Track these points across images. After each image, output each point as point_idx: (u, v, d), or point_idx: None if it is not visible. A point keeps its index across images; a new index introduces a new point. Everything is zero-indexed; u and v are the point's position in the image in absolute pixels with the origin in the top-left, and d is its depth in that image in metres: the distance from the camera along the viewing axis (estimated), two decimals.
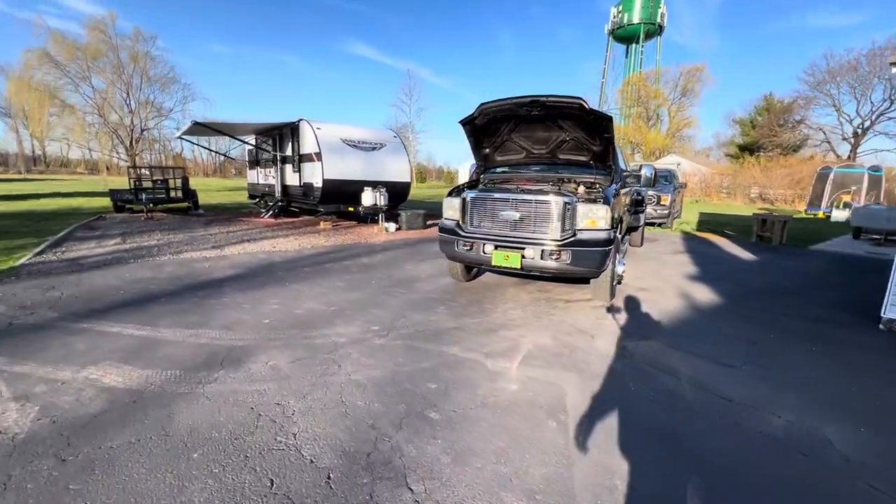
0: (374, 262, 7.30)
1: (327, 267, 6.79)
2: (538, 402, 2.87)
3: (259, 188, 15.54)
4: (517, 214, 4.65)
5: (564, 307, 4.99)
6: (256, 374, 3.15)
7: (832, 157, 33.39)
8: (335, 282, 5.88)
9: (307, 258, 7.47)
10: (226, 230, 10.69)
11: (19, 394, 2.79)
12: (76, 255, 7.19)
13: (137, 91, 27.62)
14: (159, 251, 7.74)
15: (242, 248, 8.31)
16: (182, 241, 8.94)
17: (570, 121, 5.03)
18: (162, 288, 5.35)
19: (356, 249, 8.46)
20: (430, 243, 9.42)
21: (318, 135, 10.66)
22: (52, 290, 5.12)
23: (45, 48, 24.14)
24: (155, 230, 10.36)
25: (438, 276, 6.32)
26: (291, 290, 5.44)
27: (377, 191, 10.93)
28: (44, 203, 17.39)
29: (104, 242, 8.52)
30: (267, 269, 6.58)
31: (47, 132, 28.65)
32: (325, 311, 4.61)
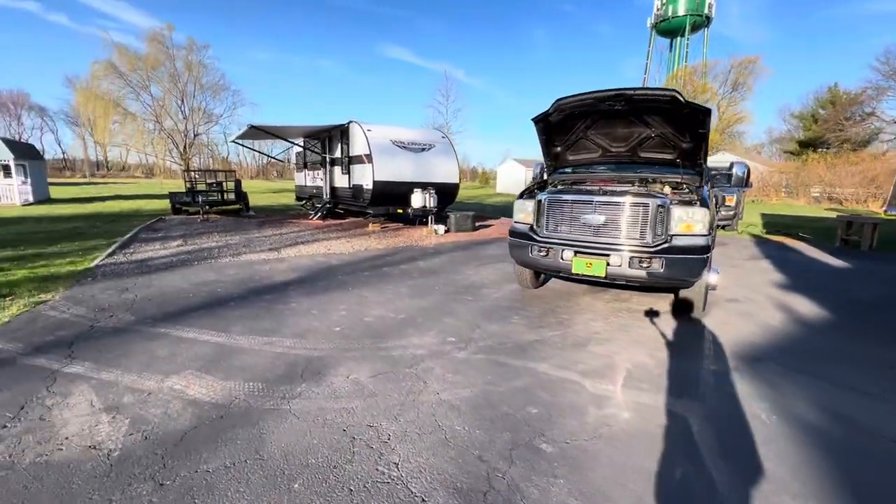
0: (433, 266, 7.08)
1: (386, 271, 6.63)
2: (661, 434, 2.51)
3: (307, 190, 15.78)
4: (601, 218, 4.27)
5: (651, 319, 4.56)
6: (340, 390, 2.96)
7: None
8: (398, 287, 5.69)
9: (364, 261, 7.36)
10: (278, 232, 10.83)
11: (109, 404, 2.72)
12: (143, 257, 7.40)
13: (191, 98, 29.05)
14: (219, 253, 7.86)
15: (298, 250, 8.32)
16: (239, 243, 9.08)
17: (658, 115, 4.60)
18: (229, 291, 5.34)
19: (410, 252, 8.29)
20: (484, 246, 9.12)
21: (368, 136, 10.60)
22: (126, 293, 5.21)
23: (111, 59, 25.78)
24: (212, 232, 10.63)
25: (503, 283, 6.01)
26: (356, 295, 5.29)
27: (426, 192, 10.75)
28: (108, 205, 18.45)
29: (167, 244, 8.78)
30: (327, 272, 6.49)
31: (110, 139, 30.53)
32: (395, 320, 4.41)
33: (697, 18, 53.24)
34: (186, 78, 28.30)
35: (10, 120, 66.13)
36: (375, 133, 10.83)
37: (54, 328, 4.00)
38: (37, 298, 4.88)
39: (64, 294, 5.10)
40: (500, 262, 7.46)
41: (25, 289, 5.21)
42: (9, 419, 2.55)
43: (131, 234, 9.92)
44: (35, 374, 3.11)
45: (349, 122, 11.51)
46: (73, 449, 2.29)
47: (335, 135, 12.50)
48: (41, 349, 3.53)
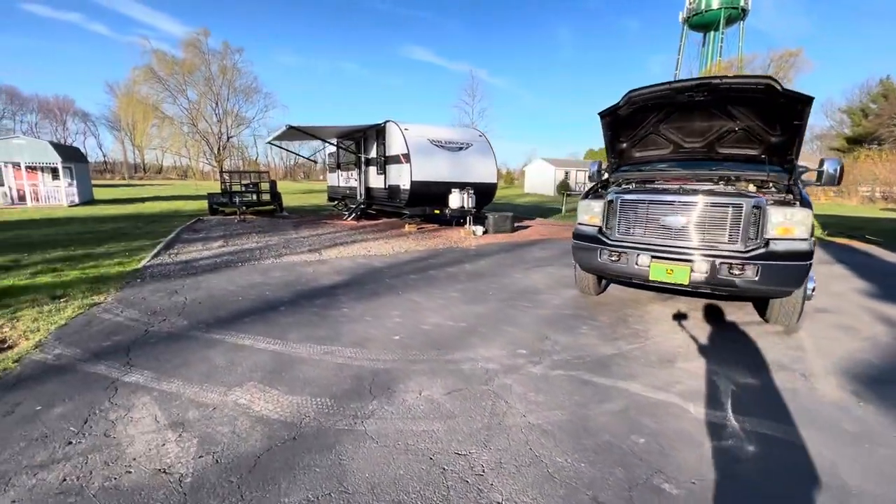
0: (479, 269, 6.78)
1: (432, 274, 6.37)
2: (799, 473, 2.14)
3: (340, 191, 15.75)
4: (684, 219, 3.88)
5: (736, 331, 4.13)
6: (415, 409, 2.70)
7: None
8: (448, 291, 5.42)
9: (407, 264, 7.13)
10: (315, 233, 10.76)
11: (174, 419, 2.54)
12: (188, 258, 7.39)
13: (225, 101, 29.79)
14: (261, 254, 7.79)
15: (338, 251, 8.17)
16: (278, 243, 9.02)
17: (746, 106, 4.17)
18: (277, 295, 5.18)
19: (452, 255, 8.02)
20: (527, 249, 8.77)
21: (406, 136, 10.40)
22: (175, 295, 5.12)
23: (150, 64, 26.70)
24: (250, 233, 10.64)
25: (559, 287, 5.65)
26: (407, 300, 5.04)
27: (464, 192, 10.47)
28: (148, 206, 18.96)
29: (209, 245, 8.79)
30: (372, 275, 6.29)
31: (148, 142, 31.59)
32: (455, 328, 4.13)
33: (733, 11, 51.23)
34: (221, 81, 29.06)
35: (56, 125, 69.63)
36: (413, 132, 10.62)
37: (110, 332, 3.90)
38: (90, 300, 4.83)
39: (116, 296, 5.05)
40: (548, 265, 7.10)
41: (78, 290, 5.19)
42: (73, 434, 2.39)
43: (173, 234, 10.02)
44: (96, 382, 2.97)
45: (385, 122, 11.35)
46: (142, 472, 2.10)
47: (370, 135, 12.37)
48: (99, 355, 3.41)
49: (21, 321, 4.15)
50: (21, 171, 18.25)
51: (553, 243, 9.47)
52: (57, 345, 3.61)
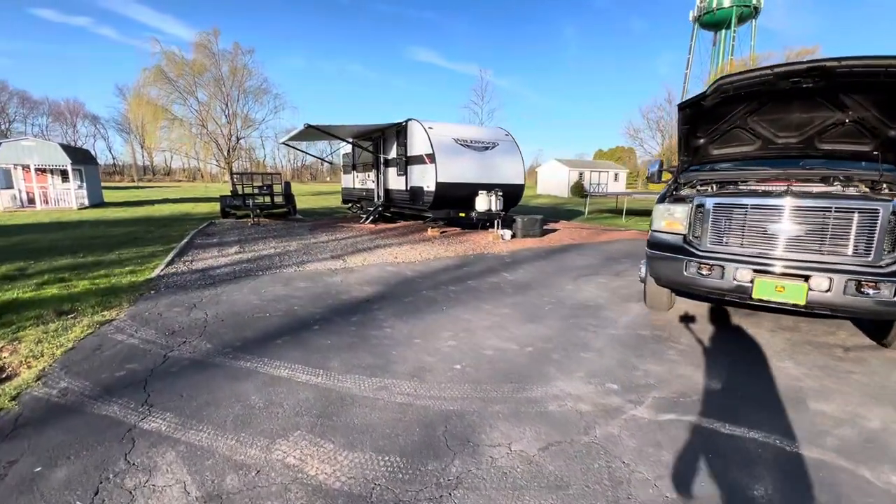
0: (523, 279, 6.19)
1: (473, 286, 5.79)
2: None
3: (355, 193, 15.24)
4: (797, 227, 3.27)
5: (852, 358, 3.51)
6: (511, 473, 2.12)
7: None
8: (498, 306, 4.84)
9: (441, 272, 6.55)
10: (334, 237, 10.22)
11: (208, 490, 1.98)
12: (204, 266, 6.87)
13: (235, 102, 29.44)
14: (281, 262, 7.25)
15: (363, 258, 7.62)
16: (298, 249, 8.49)
17: (864, 94, 3.56)
18: (308, 310, 4.63)
19: (486, 262, 7.43)
20: (564, 255, 8.16)
21: (430, 135, 9.85)
22: (194, 310, 4.59)
23: (160, 65, 26.42)
24: (266, 237, 10.14)
25: (619, 301, 5.05)
26: (455, 318, 4.47)
27: (492, 194, 9.89)
28: (158, 209, 18.57)
29: (225, 250, 8.28)
30: (406, 286, 5.72)
31: (158, 143, 31.35)
32: (522, 354, 3.55)
33: (744, 9, 50.44)
34: (231, 82, 28.73)
35: (66, 128, 70.02)
36: (437, 131, 10.07)
37: (124, 359, 3.36)
38: (101, 317, 4.31)
39: (129, 311, 4.53)
40: (594, 274, 6.49)
41: (88, 304, 4.68)
42: None
43: (187, 239, 9.53)
44: (109, 430, 2.43)
45: (407, 120, 10.81)
46: None
47: (390, 134, 11.84)
48: (112, 390, 2.87)
49: (23, 343, 3.63)
50: (31, 174, 17.95)
51: (589, 248, 8.85)
52: (63, 375, 3.07)
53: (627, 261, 7.53)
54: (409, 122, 10.68)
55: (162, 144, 31.88)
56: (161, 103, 27.81)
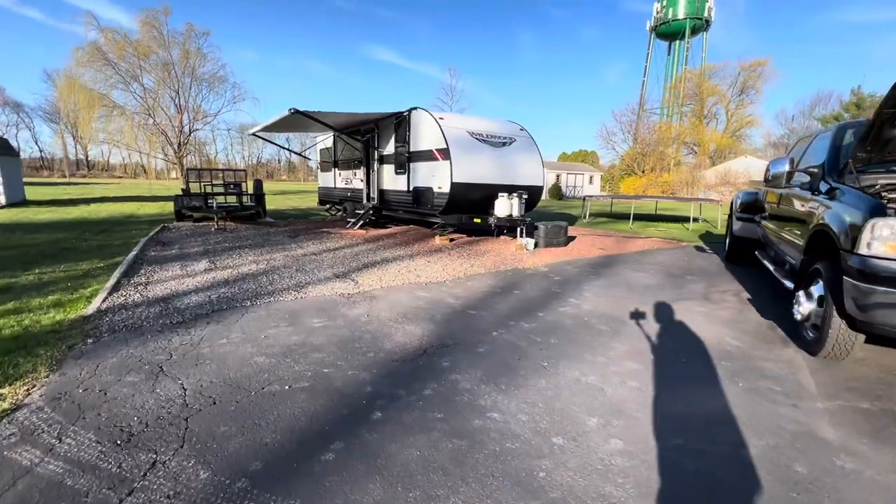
0: (601, 308, 4.83)
1: (550, 321, 4.36)
2: None
3: (336, 193, 13.42)
4: None
5: None
6: None
7: None
8: (615, 358, 3.44)
9: (492, 300, 5.08)
10: (324, 247, 8.47)
11: None
12: (166, 292, 5.01)
13: (187, 90, 26.26)
14: (272, 283, 5.52)
15: (377, 277, 6.00)
16: (286, 264, 6.72)
17: None
18: (345, 374, 3.03)
19: (534, 282, 6.04)
20: (612, 270, 6.91)
21: (442, 126, 8.34)
22: (162, 379, 2.88)
23: (96, 43, 22.94)
24: (240, 247, 8.23)
25: (761, 344, 3.80)
26: (575, 383, 3.02)
27: (513, 197, 8.53)
28: (95, 209, 15.78)
29: (190, 266, 6.38)
30: (464, 323, 4.21)
31: (94, 135, 27.58)
32: (732, 459, 2.16)
33: (697, 22, 52.71)
34: (182, 68, 25.60)
35: None
36: (449, 122, 8.58)
37: None
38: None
39: (47, 388, 2.74)
40: (678, 297, 5.27)
41: None
42: None
43: (136, 250, 7.46)
44: None
45: (411, 110, 9.23)
46: None
47: (386, 126, 10.21)
48: None
49: None
50: None
51: (630, 261, 7.68)
52: None
53: (693, 277, 6.39)
54: (414, 112, 9.12)
55: (99, 136, 28.11)
56: (98, 88, 24.33)
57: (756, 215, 6.65)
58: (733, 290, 5.64)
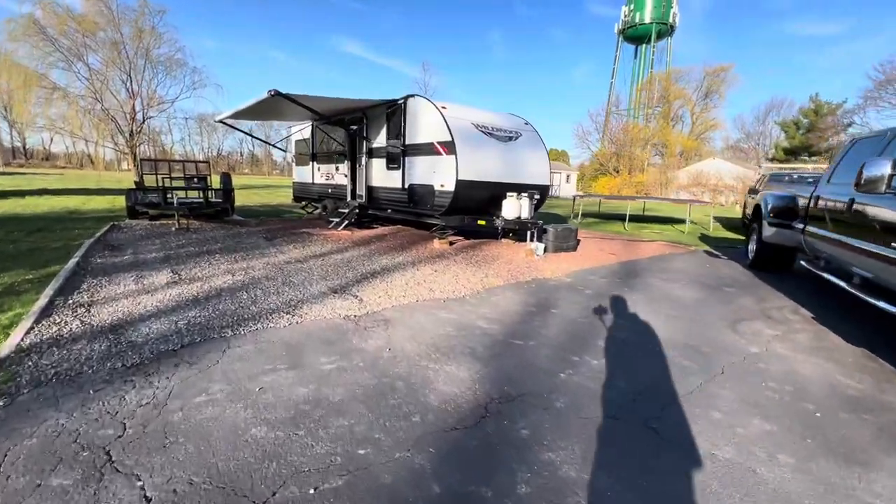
0: (671, 335, 4.07)
1: (623, 357, 3.56)
2: None
3: (315, 190, 12.21)
4: None
5: None
6: None
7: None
8: (744, 416, 2.66)
9: (530, 322, 4.24)
10: (309, 251, 7.37)
11: None
12: (117, 316, 3.86)
13: (140, 73, 23.78)
14: (255, 302, 4.45)
15: (383, 292, 5.03)
16: (268, 275, 5.63)
17: None
18: (393, 459, 2.10)
19: (566, 296, 5.24)
20: (640, 280, 6.23)
21: (446, 117, 7.41)
22: (114, 484, 1.86)
23: (33, 14, 20.25)
24: (208, 252, 7.00)
25: (886, 385, 3.14)
26: (717, 463, 2.21)
27: (522, 197, 7.73)
28: (31, 203, 13.78)
29: (147, 278, 5.18)
30: (516, 359, 3.34)
31: (32, 120, 24.64)
32: None
33: (662, 27, 54.08)
34: (135, 48, 23.17)
35: None
36: (453, 112, 7.66)
37: None
38: None
39: None
40: (738, 318, 4.61)
41: None
42: None
43: (78, 257, 6.11)
44: None
45: (407, 97, 8.24)
46: None
47: (376, 116, 9.15)
48: None
49: None
50: None
51: (654, 269, 7.06)
52: None
53: (732, 289, 5.81)
54: (411, 100, 8.12)
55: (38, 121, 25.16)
56: (35, 67, 21.63)
57: (793, 221, 6.15)
58: (789, 308, 5.05)
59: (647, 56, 57.45)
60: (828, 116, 38.08)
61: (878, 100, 30.71)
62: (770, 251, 6.69)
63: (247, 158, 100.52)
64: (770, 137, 57.79)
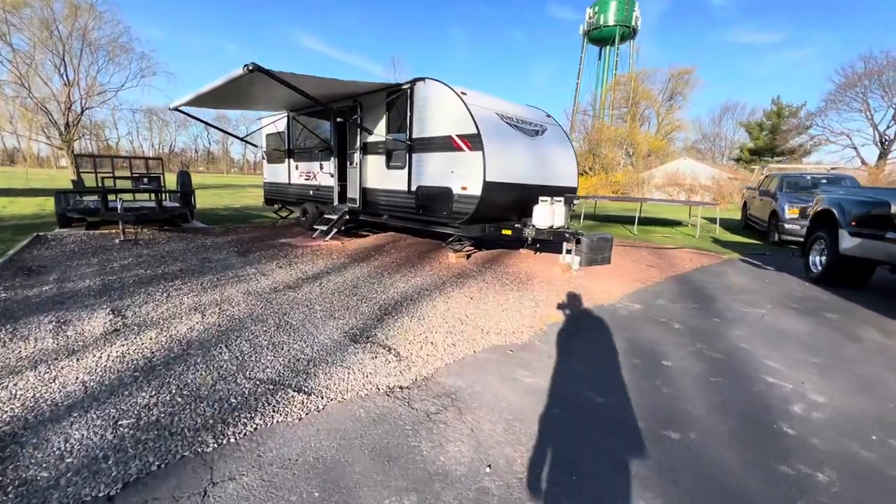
0: (846, 405, 2.93)
1: (847, 471, 2.36)
2: None
3: (291, 192, 10.52)
4: None
5: None
6: None
7: (857, 162, 32.35)
8: None
9: (663, 392, 2.98)
10: (297, 272, 5.84)
11: None
12: (8, 414, 2.28)
13: (76, 57, 20.74)
14: (242, 368, 2.97)
15: (422, 338, 3.64)
16: (251, 312, 4.11)
17: None
18: None
19: (656, 335, 4.04)
20: (713, 303, 5.14)
21: (468, 104, 6.05)
22: None
23: None
24: (165, 277, 5.34)
25: None
26: None
27: (555, 203, 6.51)
28: None
29: (75, 325, 3.54)
30: (711, 487, 2.06)
31: None
32: None
33: (625, 29, 54.86)
34: (70, 28, 20.18)
35: None
36: (474, 100, 6.30)
37: None
38: None
39: None
40: (892, 367, 3.56)
41: None
42: None
43: None
44: None
45: (414, 80, 6.80)
46: None
47: (374, 105, 7.66)
48: None
49: None
50: None
51: (712, 285, 6.04)
52: None
53: (835, 315, 4.82)
54: (420, 84, 6.69)
55: None
56: None
57: (885, 231, 5.24)
58: None
59: (612, 58, 58.21)
60: (790, 118, 39.49)
61: (840, 102, 31.84)
62: (847, 264, 5.80)
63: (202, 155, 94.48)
64: (725, 139, 60.26)
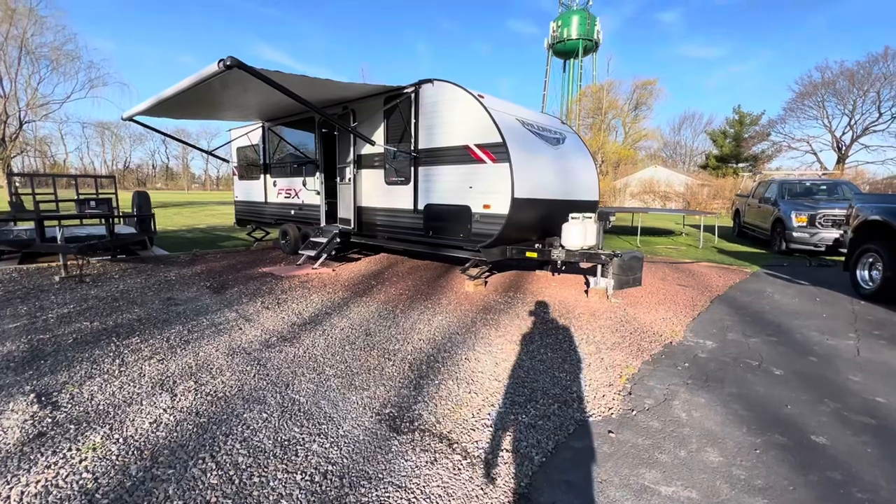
0: None
1: None
2: None
3: (269, 211, 9.32)
4: None
5: None
6: None
7: (817, 167, 33.78)
8: None
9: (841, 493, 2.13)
10: (290, 316, 4.73)
11: None
12: None
13: (14, 66, 18.55)
14: (243, 502, 1.89)
15: (482, 423, 2.67)
16: (239, 385, 3.02)
17: None
18: None
19: (769, 390, 3.22)
20: (786, 335, 4.42)
21: (490, 110, 5.18)
22: None
23: None
24: (118, 331, 4.12)
25: None
26: None
27: (587, 220, 5.71)
28: None
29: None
30: None
31: None
32: None
33: (588, 43, 56.34)
34: (6, 33, 18.06)
35: None
36: (494, 104, 5.43)
37: None
38: None
39: None
40: None
41: None
42: None
43: None
44: None
45: (420, 83, 5.88)
46: None
47: (371, 111, 6.67)
48: None
49: None
50: None
51: (758, 308, 5.38)
52: None
53: None
54: (427, 87, 5.77)
55: None
56: None
57: None
58: None
59: (576, 70, 59.50)
60: (751, 126, 41.08)
61: (798, 111, 33.26)
62: None
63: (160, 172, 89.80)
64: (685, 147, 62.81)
